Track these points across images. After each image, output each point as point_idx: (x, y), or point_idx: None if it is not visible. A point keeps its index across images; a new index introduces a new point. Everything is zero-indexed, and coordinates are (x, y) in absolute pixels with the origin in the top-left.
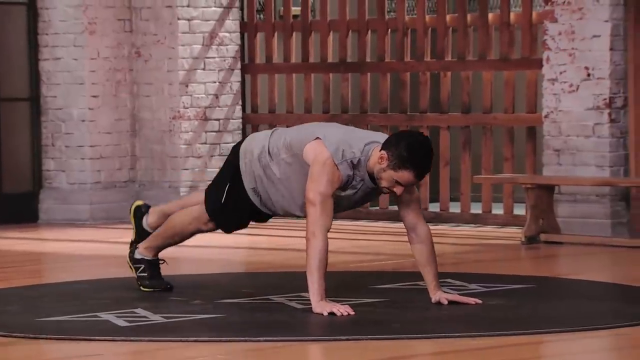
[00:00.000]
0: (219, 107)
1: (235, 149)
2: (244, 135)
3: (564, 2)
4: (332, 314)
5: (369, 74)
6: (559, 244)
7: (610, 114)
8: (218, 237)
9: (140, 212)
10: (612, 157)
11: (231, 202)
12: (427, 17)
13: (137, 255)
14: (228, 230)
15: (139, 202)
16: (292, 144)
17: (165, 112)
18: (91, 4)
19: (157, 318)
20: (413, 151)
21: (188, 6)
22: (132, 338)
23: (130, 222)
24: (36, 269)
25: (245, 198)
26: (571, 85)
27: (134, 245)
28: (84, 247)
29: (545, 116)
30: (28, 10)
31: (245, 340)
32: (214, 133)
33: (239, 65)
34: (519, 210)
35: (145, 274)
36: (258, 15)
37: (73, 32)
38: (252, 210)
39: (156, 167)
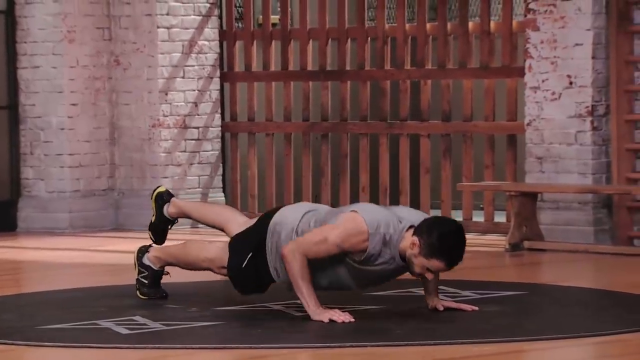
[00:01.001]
0: (198, 115)
1: (265, 220)
2: (223, 144)
3: (546, 10)
4: (332, 321)
5: (349, 82)
6: (542, 251)
7: (592, 122)
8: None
9: (162, 200)
10: (594, 165)
11: (251, 270)
12: (407, 26)
13: (145, 261)
14: (243, 292)
15: (161, 189)
16: (326, 221)
17: (144, 120)
18: (70, 13)
19: (157, 325)
20: (445, 241)
21: (167, 14)
22: (137, 346)
23: (150, 206)
24: (21, 277)
25: (265, 271)
26: (553, 93)
27: (150, 229)
28: (67, 255)
29: (528, 124)
30: (6, 19)
31: (251, 348)
32: (193, 141)
33: (218, 73)
34: (500, 217)
35: (146, 281)
36: (237, 24)
37: (52, 40)
38: (271, 280)
39: (135, 175)
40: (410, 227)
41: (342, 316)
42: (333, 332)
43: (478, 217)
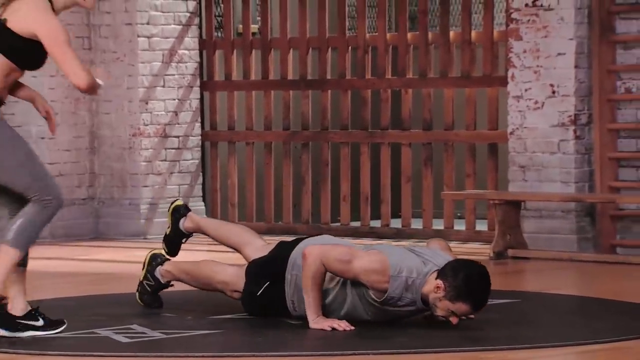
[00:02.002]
0: (179, 124)
1: (285, 251)
2: (203, 152)
3: (529, 20)
4: (332, 329)
5: (329, 91)
6: (526, 259)
7: (575, 131)
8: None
9: (178, 213)
10: (577, 173)
11: (265, 299)
12: (388, 35)
13: (156, 273)
14: (252, 315)
15: (179, 202)
16: None
17: (125, 129)
18: None
19: (156, 334)
20: (471, 284)
21: (148, 24)
22: (140, 354)
23: (167, 219)
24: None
25: (281, 301)
26: (536, 102)
27: (164, 241)
28: (51, 264)
29: (511, 133)
30: None
31: (255, 356)
32: (173, 150)
33: (198, 82)
34: (481, 226)
35: (149, 289)
36: (217, 33)
37: None
38: (285, 312)
39: (116, 184)
40: (435, 271)
41: (342, 324)
42: (335, 340)
43: (459, 226)
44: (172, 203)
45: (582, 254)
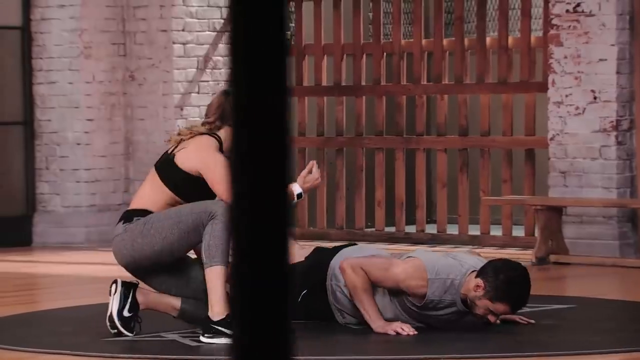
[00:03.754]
0: None
1: (323, 259)
2: None
3: (570, 26)
4: (397, 333)
5: (364, 97)
6: (568, 265)
7: (617, 137)
8: None
9: None
10: (619, 179)
11: (301, 308)
12: (424, 41)
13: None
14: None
15: None
16: None
17: (160, 135)
18: (87, 29)
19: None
20: (511, 284)
21: (183, 30)
22: (212, 358)
23: None
24: (58, 291)
25: (322, 309)
26: (577, 108)
27: None
28: (93, 269)
29: (551, 139)
30: (22, 35)
31: None
32: None
33: None
34: (516, 232)
35: None
36: None
37: (68, 56)
38: (327, 317)
39: None
40: (473, 271)
41: (406, 328)
42: (400, 344)
43: (495, 232)
44: None
45: (625, 259)
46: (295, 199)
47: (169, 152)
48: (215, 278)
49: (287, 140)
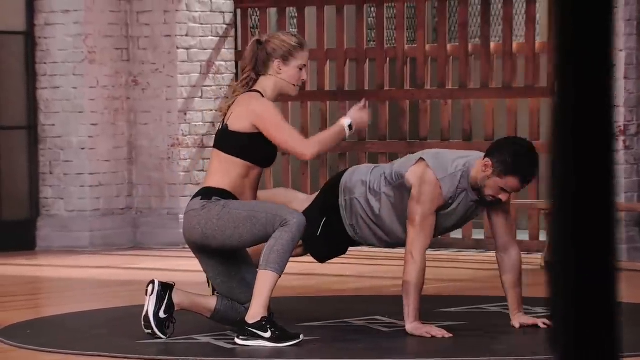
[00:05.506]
0: None
1: (334, 182)
2: None
3: None
4: (432, 336)
5: (367, 101)
6: None
7: (624, 141)
8: None
9: None
10: (626, 184)
11: (326, 235)
12: (428, 46)
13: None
14: (322, 260)
15: None
16: (395, 172)
17: (163, 140)
18: (91, 34)
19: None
20: (519, 156)
21: (186, 35)
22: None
23: None
24: (64, 295)
25: (341, 231)
26: None
27: None
28: (97, 273)
29: None
30: (26, 40)
31: None
32: None
33: None
34: (520, 236)
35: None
36: None
37: (73, 61)
38: (348, 241)
39: (154, 194)
40: (479, 158)
41: (440, 332)
42: (433, 346)
43: None
44: None
45: (634, 263)
46: (347, 131)
47: (222, 125)
48: (265, 282)
49: (611, 141)
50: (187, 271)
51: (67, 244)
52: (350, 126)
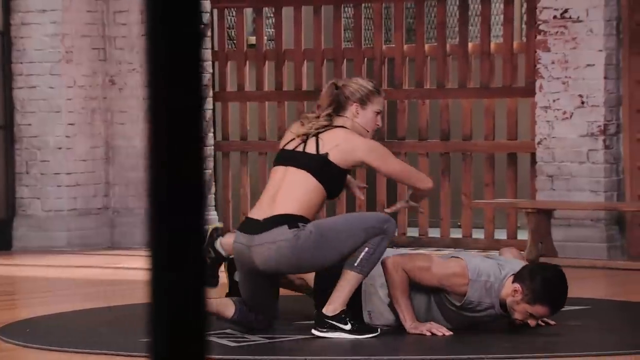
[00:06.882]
0: None
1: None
2: (215, 162)
3: (557, 32)
4: (432, 334)
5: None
6: None
7: (604, 141)
8: None
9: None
10: (606, 183)
11: None
12: (406, 47)
13: (217, 245)
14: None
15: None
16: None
17: (140, 140)
18: (68, 33)
19: (257, 338)
20: (549, 286)
21: None
22: (259, 357)
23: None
24: (49, 296)
25: (354, 311)
26: (565, 113)
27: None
28: (80, 272)
29: (539, 143)
30: (2, 39)
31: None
32: None
33: (211, 93)
34: (498, 235)
35: (208, 262)
36: (229, 44)
37: (50, 60)
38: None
39: (131, 194)
40: (511, 275)
41: (441, 329)
42: (436, 344)
43: (477, 235)
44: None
45: (616, 261)
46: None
47: (317, 151)
48: (350, 281)
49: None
50: None
51: (43, 244)
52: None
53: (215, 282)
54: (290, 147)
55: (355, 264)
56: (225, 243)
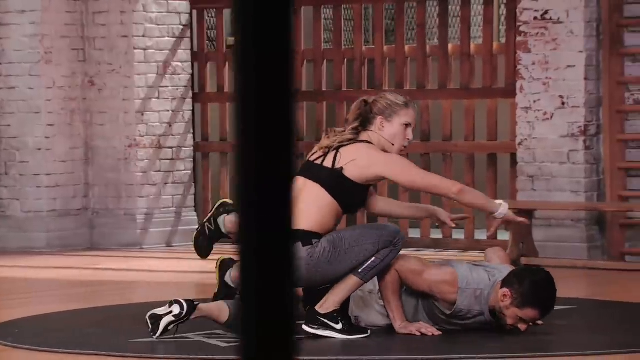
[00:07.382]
0: (172, 135)
1: None
2: (195, 163)
3: (538, 33)
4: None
5: (325, 102)
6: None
7: (585, 141)
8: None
9: (225, 266)
10: (586, 183)
11: None
12: (386, 48)
13: (220, 220)
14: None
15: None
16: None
17: (120, 141)
18: (47, 34)
19: None
20: (537, 289)
21: (143, 36)
22: None
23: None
24: (29, 297)
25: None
26: (545, 114)
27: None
28: (60, 274)
29: (519, 143)
30: None
31: None
32: (167, 161)
33: (190, 94)
34: (478, 235)
35: (207, 233)
36: (209, 45)
37: (29, 61)
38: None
39: (110, 195)
40: (500, 281)
41: (429, 329)
42: (425, 344)
43: (457, 235)
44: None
45: (596, 261)
46: (497, 209)
47: (333, 165)
48: (349, 285)
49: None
50: (147, 271)
51: (23, 245)
52: (501, 212)
53: (205, 251)
54: (312, 158)
55: (360, 270)
56: (230, 221)
